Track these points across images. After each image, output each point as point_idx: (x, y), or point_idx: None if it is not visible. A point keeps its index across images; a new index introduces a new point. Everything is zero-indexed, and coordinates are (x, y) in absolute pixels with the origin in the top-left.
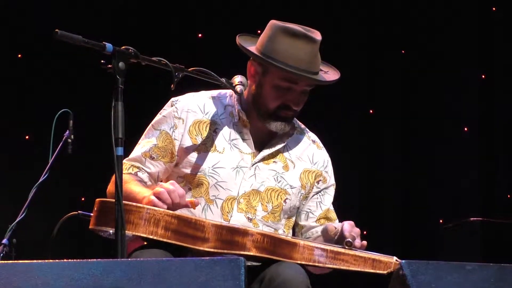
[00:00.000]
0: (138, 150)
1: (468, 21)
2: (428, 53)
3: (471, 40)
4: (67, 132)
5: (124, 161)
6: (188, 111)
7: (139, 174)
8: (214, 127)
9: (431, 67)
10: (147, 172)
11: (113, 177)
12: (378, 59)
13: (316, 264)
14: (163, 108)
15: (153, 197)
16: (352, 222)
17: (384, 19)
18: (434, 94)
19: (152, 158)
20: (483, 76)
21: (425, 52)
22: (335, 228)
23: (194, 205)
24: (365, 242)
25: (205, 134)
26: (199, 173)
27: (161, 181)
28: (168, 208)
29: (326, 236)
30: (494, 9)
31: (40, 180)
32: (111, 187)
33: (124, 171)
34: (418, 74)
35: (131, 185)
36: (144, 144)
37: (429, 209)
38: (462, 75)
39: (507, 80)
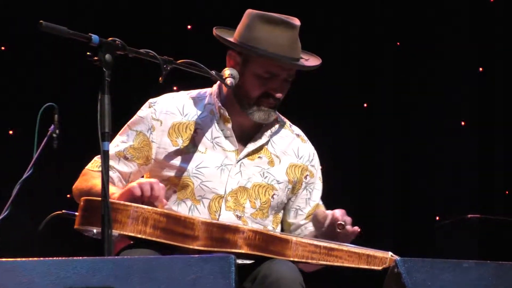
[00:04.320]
0: (112, 148)
1: (466, 11)
2: (424, 45)
3: (469, 31)
4: (52, 126)
5: (95, 158)
6: (167, 113)
7: (110, 173)
8: (195, 128)
9: (427, 60)
10: (119, 172)
11: (82, 174)
12: (373, 51)
13: (309, 261)
14: (140, 108)
15: (134, 184)
16: (343, 210)
17: (378, 10)
18: (430, 87)
19: (126, 158)
20: (481, 69)
21: (420, 44)
22: (324, 212)
23: (163, 205)
24: (357, 228)
25: (185, 135)
26: (183, 175)
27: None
28: (145, 198)
29: (316, 223)
30: (491, 0)
31: (24, 177)
32: (79, 184)
33: (94, 168)
34: (414, 67)
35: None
36: (118, 143)
37: (425, 206)
38: (460, 67)
39: (506, 72)
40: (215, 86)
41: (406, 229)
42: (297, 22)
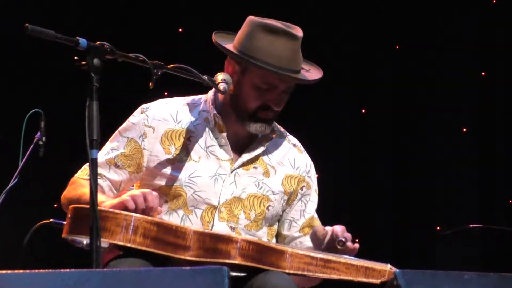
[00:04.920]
0: (102, 156)
1: (467, 14)
2: (423, 49)
3: (469, 35)
4: (39, 133)
5: (85, 166)
6: (160, 119)
7: (99, 182)
8: (188, 135)
9: (426, 64)
10: (109, 180)
11: (70, 182)
12: (370, 55)
13: (305, 273)
14: (132, 114)
15: (127, 197)
16: (343, 226)
17: (376, 12)
18: (430, 92)
19: (117, 166)
20: (483, 74)
21: (420, 48)
22: (324, 229)
23: (158, 213)
24: (357, 245)
25: (178, 143)
26: (175, 184)
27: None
28: (139, 210)
29: (315, 240)
30: (494, 1)
31: (10, 186)
32: (67, 193)
33: (83, 176)
34: (413, 71)
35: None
36: (109, 150)
37: (425, 215)
38: (461, 72)
39: (508, 77)
40: (211, 93)
41: (405, 240)
42: (299, 32)
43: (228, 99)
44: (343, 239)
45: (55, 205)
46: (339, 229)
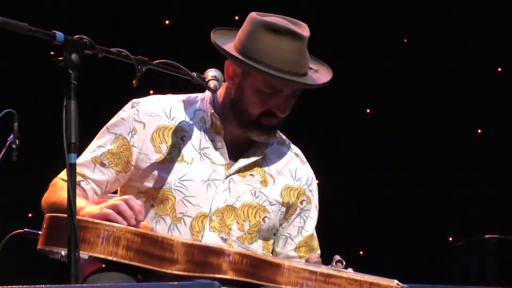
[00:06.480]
0: (87, 154)
1: (482, 5)
2: (433, 43)
3: (483, 28)
4: (11, 136)
5: None
6: (152, 114)
7: (82, 184)
8: (182, 134)
9: (436, 59)
10: (93, 181)
11: (51, 184)
12: (377, 50)
13: None
14: (122, 109)
15: (109, 210)
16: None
17: (384, 4)
18: (441, 91)
19: (103, 164)
20: (499, 69)
21: (429, 42)
22: (318, 257)
23: (147, 229)
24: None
25: (170, 142)
26: (163, 187)
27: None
28: (127, 218)
29: None
30: None
31: None
32: (47, 196)
33: (65, 177)
34: (422, 67)
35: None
36: (95, 148)
37: (436, 225)
38: (475, 68)
39: None
40: (208, 92)
41: (414, 252)
42: (305, 31)
43: (228, 103)
44: (343, 260)
45: (30, 214)
46: (336, 256)
